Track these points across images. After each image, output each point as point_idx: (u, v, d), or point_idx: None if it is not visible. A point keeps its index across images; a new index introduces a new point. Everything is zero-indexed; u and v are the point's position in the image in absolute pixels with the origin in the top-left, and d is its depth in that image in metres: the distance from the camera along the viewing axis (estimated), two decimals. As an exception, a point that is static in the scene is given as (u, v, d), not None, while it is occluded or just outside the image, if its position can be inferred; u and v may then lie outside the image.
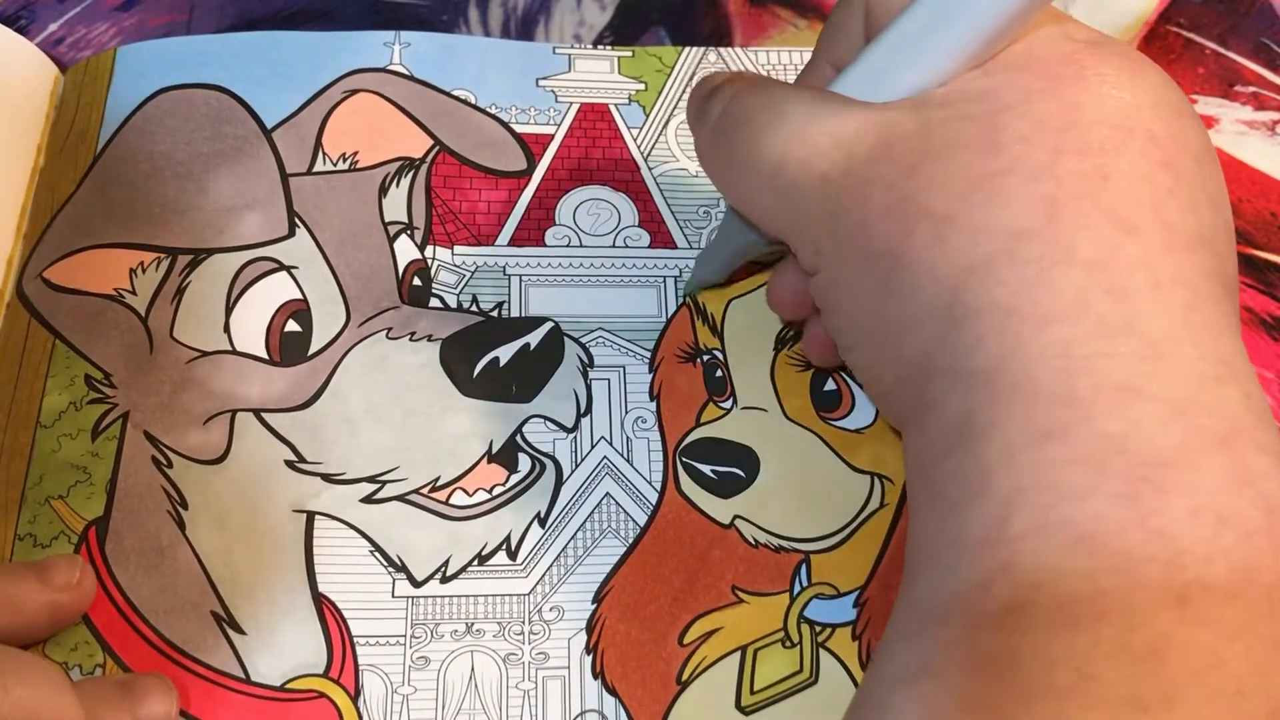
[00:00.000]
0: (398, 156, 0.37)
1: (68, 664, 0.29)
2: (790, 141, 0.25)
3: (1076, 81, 0.23)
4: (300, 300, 0.34)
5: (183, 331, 0.33)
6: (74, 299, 0.34)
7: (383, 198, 0.36)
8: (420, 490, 0.32)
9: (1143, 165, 0.23)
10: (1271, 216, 0.38)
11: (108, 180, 0.36)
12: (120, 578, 0.30)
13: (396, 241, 0.35)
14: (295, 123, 0.37)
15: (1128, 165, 0.22)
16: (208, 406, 0.32)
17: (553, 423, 0.33)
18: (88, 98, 0.37)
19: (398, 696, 0.30)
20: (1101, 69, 0.23)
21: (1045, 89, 0.23)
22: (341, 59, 0.38)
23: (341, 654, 0.30)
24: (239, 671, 0.29)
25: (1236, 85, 0.39)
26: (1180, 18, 0.39)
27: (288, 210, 0.35)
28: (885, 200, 0.24)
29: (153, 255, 0.34)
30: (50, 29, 0.40)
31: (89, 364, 0.33)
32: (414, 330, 0.34)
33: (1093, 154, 0.22)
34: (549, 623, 0.31)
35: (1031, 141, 0.23)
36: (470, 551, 0.31)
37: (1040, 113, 0.23)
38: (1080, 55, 0.24)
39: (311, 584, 0.31)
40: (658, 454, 0.33)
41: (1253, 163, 0.39)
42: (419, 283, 0.35)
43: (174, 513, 0.31)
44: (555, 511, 0.32)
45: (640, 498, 0.32)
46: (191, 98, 0.37)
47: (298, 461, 0.32)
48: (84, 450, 0.32)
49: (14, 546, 0.31)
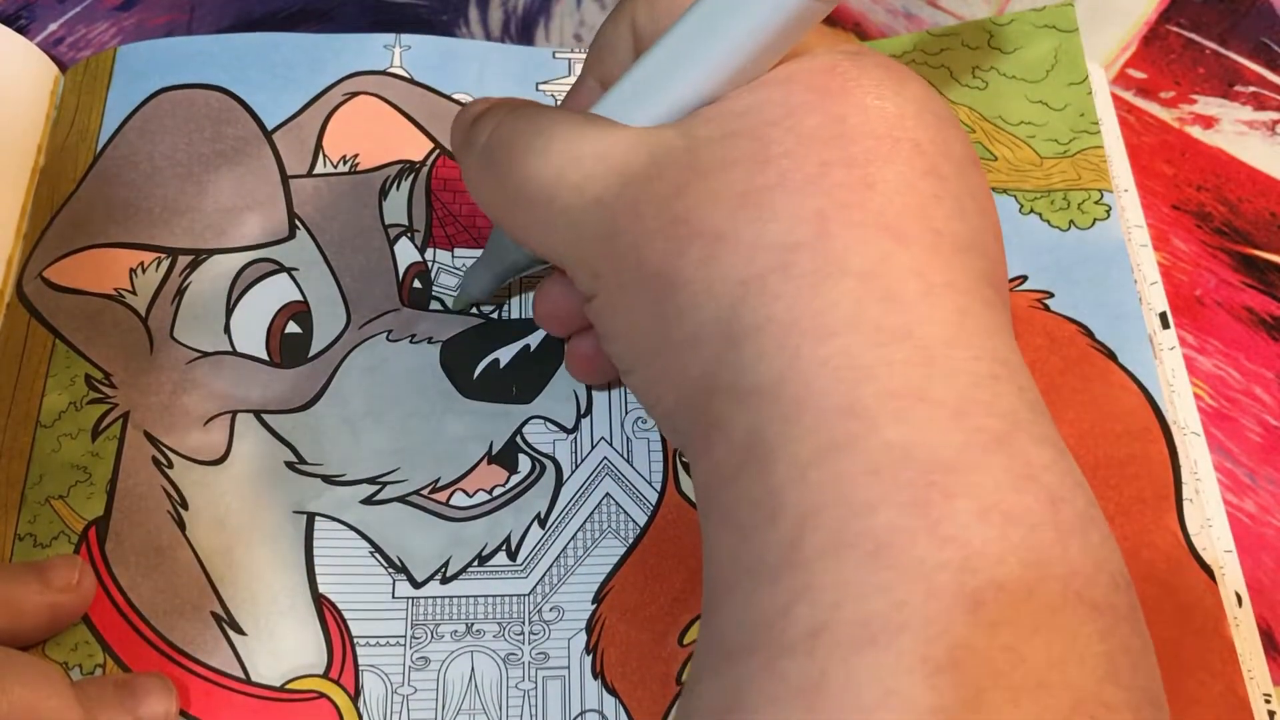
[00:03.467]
0: (398, 159, 0.37)
1: (67, 664, 0.29)
2: (562, 167, 0.25)
3: (840, 94, 0.23)
4: (301, 302, 0.34)
5: (183, 332, 0.33)
6: (74, 299, 0.34)
7: (383, 200, 0.36)
8: (420, 491, 0.32)
9: (908, 173, 0.23)
10: (1271, 216, 0.38)
11: (108, 180, 0.36)
12: (120, 578, 0.30)
13: (397, 244, 0.35)
14: (296, 124, 0.37)
15: (893, 174, 0.23)
16: (208, 407, 0.33)
17: (553, 423, 0.33)
18: (88, 98, 0.37)
19: (398, 697, 0.30)
20: (864, 80, 0.23)
21: (810, 102, 0.23)
22: (342, 61, 0.38)
23: (341, 654, 0.30)
24: (239, 672, 0.30)
25: (1236, 85, 0.39)
26: (1180, 18, 0.39)
27: (288, 212, 0.35)
28: (658, 221, 0.23)
29: (153, 255, 0.34)
30: (50, 29, 0.40)
31: (89, 364, 0.33)
32: (414, 332, 0.34)
33: (859, 165, 0.22)
34: (549, 623, 0.31)
35: (798, 155, 0.23)
36: (470, 552, 0.31)
37: (806, 127, 0.23)
38: (842, 67, 0.24)
39: (311, 585, 0.31)
40: (658, 454, 0.33)
41: (1253, 163, 0.39)
42: (419, 285, 0.35)
43: (174, 513, 0.31)
44: (555, 512, 0.32)
45: (640, 498, 0.32)
46: (192, 98, 0.37)
47: (298, 463, 0.32)
48: (84, 450, 0.32)
49: (14, 546, 0.31)
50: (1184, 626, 0.30)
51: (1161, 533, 0.31)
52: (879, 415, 0.21)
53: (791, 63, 0.24)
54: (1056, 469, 0.21)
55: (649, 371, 0.25)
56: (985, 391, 0.21)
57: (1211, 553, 0.31)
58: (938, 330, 0.21)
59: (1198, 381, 0.35)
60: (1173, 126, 0.39)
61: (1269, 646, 0.31)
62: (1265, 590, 0.32)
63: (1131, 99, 0.40)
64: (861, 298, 0.22)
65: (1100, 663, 0.19)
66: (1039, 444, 0.21)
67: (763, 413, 0.22)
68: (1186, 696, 0.29)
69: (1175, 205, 0.38)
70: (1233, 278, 0.37)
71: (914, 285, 0.22)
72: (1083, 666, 0.19)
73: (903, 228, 0.22)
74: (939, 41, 0.39)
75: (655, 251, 0.23)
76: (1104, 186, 0.36)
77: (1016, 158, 0.37)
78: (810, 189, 0.22)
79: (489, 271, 0.33)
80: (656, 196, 0.24)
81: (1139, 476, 0.32)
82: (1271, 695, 0.30)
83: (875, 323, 0.21)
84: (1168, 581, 0.30)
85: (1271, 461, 0.34)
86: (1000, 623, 0.19)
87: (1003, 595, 0.19)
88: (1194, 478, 0.32)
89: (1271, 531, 0.33)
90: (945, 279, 0.22)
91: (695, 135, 0.24)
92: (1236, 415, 0.35)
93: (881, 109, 0.23)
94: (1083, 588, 0.20)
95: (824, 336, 0.21)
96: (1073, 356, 0.33)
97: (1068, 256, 0.35)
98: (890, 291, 0.22)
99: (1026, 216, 0.36)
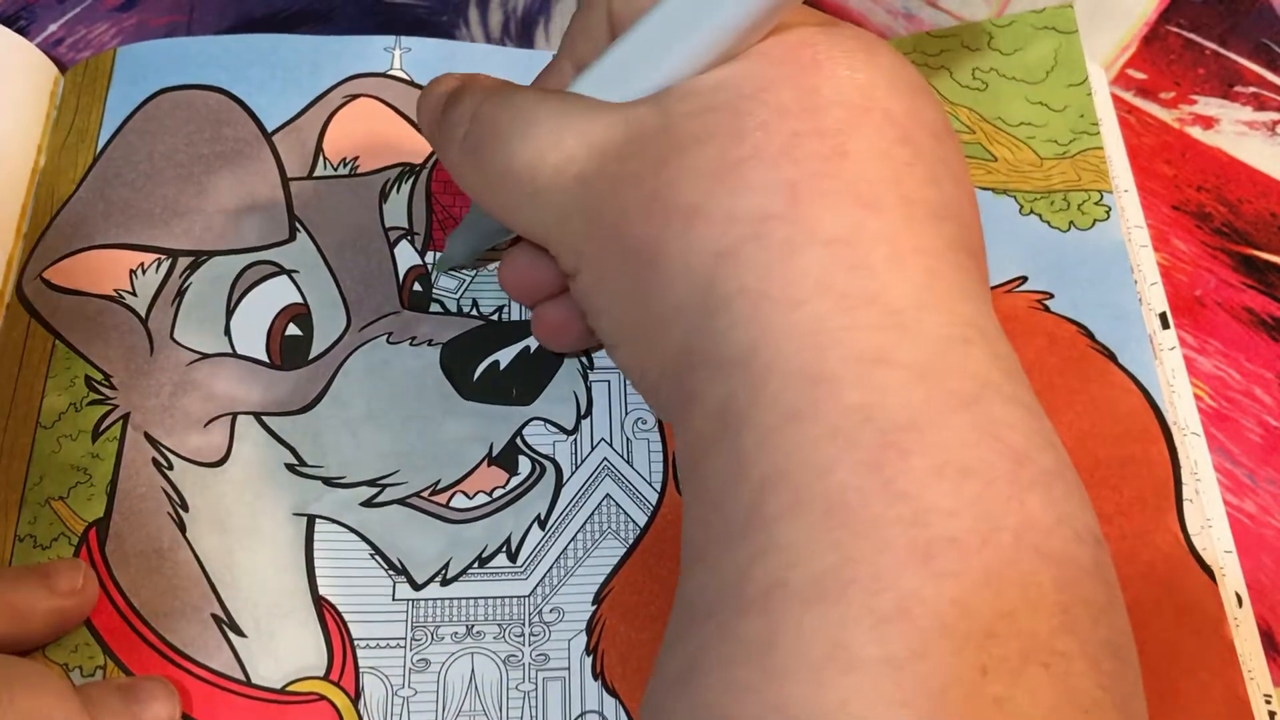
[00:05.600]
0: (398, 162, 0.37)
1: (68, 666, 0.29)
2: (543, 149, 0.25)
3: (812, 65, 0.23)
4: (301, 304, 0.34)
5: (183, 333, 0.33)
6: (74, 299, 0.34)
7: (383, 203, 0.36)
8: (421, 493, 0.32)
9: (880, 142, 0.23)
10: (1271, 216, 0.38)
11: (108, 180, 0.36)
12: (121, 579, 0.30)
13: (397, 247, 0.35)
14: (296, 126, 0.37)
15: (865, 143, 0.23)
16: (208, 409, 0.32)
17: (553, 425, 0.33)
18: (88, 98, 0.37)
19: (398, 699, 0.30)
20: (835, 52, 0.24)
21: (783, 75, 0.23)
22: (342, 63, 0.38)
23: (342, 656, 0.30)
24: (239, 674, 0.30)
25: (1236, 85, 0.39)
26: (1180, 18, 0.39)
27: (288, 214, 0.35)
28: (637, 196, 0.24)
29: (153, 256, 0.34)
30: (50, 29, 0.40)
31: (89, 365, 0.33)
32: (414, 335, 0.34)
33: (831, 135, 0.23)
34: (549, 624, 0.31)
35: (771, 127, 0.23)
36: (470, 554, 0.31)
37: (780, 99, 0.23)
38: (814, 39, 0.24)
39: (312, 587, 0.31)
40: (658, 455, 0.33)
41: (1253, 163, 0.39)
42: (419, 288, 0.35)
43: (174, 515, 0.31)
44: (555, 513, 0.32)
45: (640, 499, 0.32)
46: (192, 99, 0.37)
47: (298, 465, 0.32)
48: (84, 451, 0.32)
49: (14, 548, 0.31)
50: (1184, 627, 0.30)
51: (1161, 533, 0.31)
52: (843, 379, 0.21)
53: (766, 38, 0.24)
54: (1024, 428, 0.21)
55: (634, 346, 0.26)
56: (955, 354, 0.21)
57: (1211, 553, 0.31)
58: (906, 294, 0.22)
59: (1198, 382, 0.35)
60: (1173, 127, 0.39)
61: (1269, 647, 0.31)
62: (1265, 591, 0.32)
63: (1131, 99, 0.40)
64: (830, 265, 0.22)
65: (1055, 612, 0.19)
66: (1007, 404, 0.21)
67: (734, 381, 0.22)
68: (1186, 697, 0.29)
69: (1175, 206, 0.38)
70: (1233, 278, 0.37)
71: (883, 251, 0.22)
72: (1035, 615, 0.19)
73: (875, 195, 0.22)
74: (939, 43, 0.39)
75: (635, 227, 0.24)
76: (1104, 188, 0.36)
77: (1016, 159, 0.37)
78: (783, 160, 0.23)
79: (469, 238, 0.33)
80: (635, 173, 0.24)
81: (1139, 477, 0.32)
82: (1272, 696, 0.30)
83: (842, 289, 0.22)
84: (1168, 582, 0.30)
85: (1271, 462, 0.34)
86: (949, 574, 0.19)
87: (953, 548, 0.19)
88: (1194, 478, 0.32)
89: (1271, 532, 0.33)
90: (916, 245, 0.22)
91: (671, 111, 0.24)
92: (1236, 416, 0.35)
93: (853, 79, 0.23)
94: (1039, 540, 0.20)
95: (793, 304, 0.22)
96: (1072, 357, 0.33)
97: (1067, 257, 0.35)
98: (860, 258, 0.22)
99: (1026, 217, 0.36)
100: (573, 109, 0.25)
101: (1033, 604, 0.19)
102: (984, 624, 0.19)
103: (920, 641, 0.19)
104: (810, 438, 0.21)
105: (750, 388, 0.22)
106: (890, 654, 0.19)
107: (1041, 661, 0.19)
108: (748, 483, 0.21)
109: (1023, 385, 0.22)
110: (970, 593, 0.19)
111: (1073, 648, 0.19)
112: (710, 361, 0.23)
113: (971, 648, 0.19)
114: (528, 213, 0.26)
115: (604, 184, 0.24)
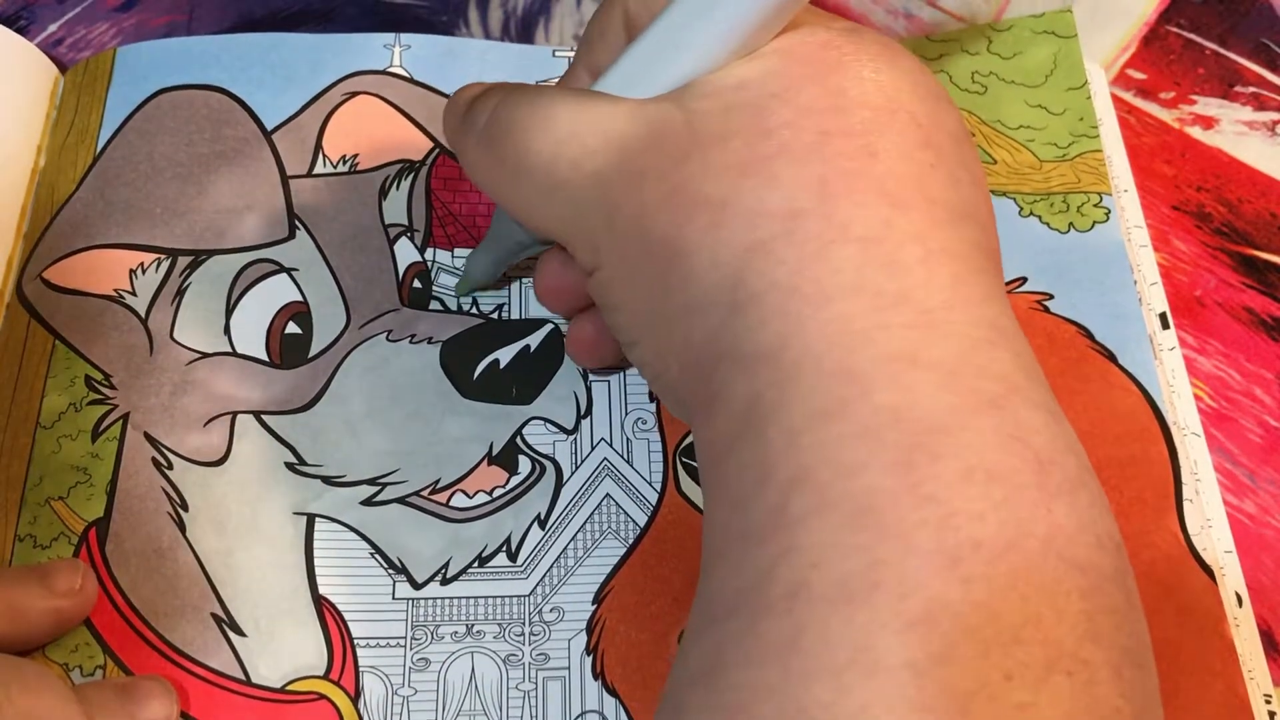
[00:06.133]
0: (398, 159, 0.37)
1: (68, 665, 0.29)
2: (561, 142, 0.25)
3: (837, 67, 0.24)
4: (301, 302, 0.34)
5: (183, 333, 0.33)
6: (74, 299, 0.34)
7: (383, 200, 0.36)
8: (420, 492, 0.32)
9: (904, 144, 0.23)
10: (1271, 217, 0.38)
11: (108, 180, 0.36)
12: (120, 579, 0.30)
13: (397, 244, 0.35)
14: (295, 125, 0.37)
15: (892, 144, 0.23)
16: (208, 408, 0.32)
17: (553, 424, 0.33)
18: (88, 98, 0.37)
19: (398, 698, 0.30)
20: (860, 55, 0.24)
21: (808, 75, 0.24)
22: (341, 61, 0.38)
23: (342, 656, 0.30)
24: (239, 673, 0.30)
25: (1236, 85, 0.39)
26: (1180, 18, 0.39)
27: (288, 212, 0.35)
28: (659, 191, 0.24)
29: (153, 256, 0.34)
30: (50, 29, 0.40)
31: (89, 365, 0.33)
32: (414, 333, 0.34)
33: (859, 134, 0.23)
34: (549, 624, 0.31)
35: (798, 125, 0.23)
36: (470, 553, 0.31)
37: (805, 98, 0.23)
38: (838, 42, 0.24)
39: (312, 586, 0.31)
40: (658, 455, 0.33)
41: (1253, 163, 0.39)
42: (419, 285, 0.35)
43: (174, 514, 0.31)
44: (555, 513, 0.32)
45: (640, 499, 0.32)
46: (191, 99, 0.37)
47: (298, 464, 0.32)
48: (84, 451, 0.32)
49: (14, 547, 0.31)
50: (1184, 627, 0.30)
51: (1161, 533, 0.31)
52: (874, 379, 0.21)
53: (786, 36, 0.24)
54: (1048, 432, 0.21)
55: (653, 342, 0.26)
56: (981, 356, 0.21)
57: (1211, 553, 0.31)
58: (934, 295, 0.22)
59: (1198, 382, 0.35)
60: (1173, 127, 0.39)
61: (1269, 647, 0.31)
62: (1265, 591, 0.32)
63: (1131, 99, 0.40)
64: (863, 263, 0.22)
65: (1080, 620, 0.19)
66: (1032, 408, 0.21)
67: (762, 378, 0.22)
68: (1187, 697, 0.29)
69: (1175, 206, 0.38)
70: (1233, 278, 0.37)
71: (914, 251, 0.22)
72: (1060, 623, 0.19)
73: (902, 195, 0.22)
74: (938, 47, 0.39)
75: (658, 222, 0.24)
76: (1103, 190, 0.36)
77: (1016, 161, 0.37)
78: (812, 157, 0.23)
79: (491, 254, 0.33)
80: (657, 168, 0.24)
81: (1139, 477, 0.32)
82: (1272, 695, 0.30)
83: (876, 288, 0.21)
84: (1168, 582, 0.30)
85: (1271, 462, 0.34)
86: (976, 579, 0.19)
87: (980, 552, 0.19)
88: (1194, 478, 0.32)
89: (1271, 532, 0.33)
90: (941, 246, 0.22)
91: (693, 108, 0.24)
92: (1236, 416, 0.35)
93: (878, 81, 0.24)
94: (1064, 547, 0.20)
95: (824, 301, 0.22)
96: (1072, 358, 0.33)
97: (1067, 258, 0.35)
98: (891, 257, 0.22)
99: (1026, 219, 0.36)
100: (592, 104, 0.25)
101: (1058, 611, 0.19)
102: (1009, 630, 0.19)
103: (945, 646, 0.19)
104: (839, 437, 0.21)
105: (778, 385, 0.22)
106: (914, 658, 0.19)
107: (1065, 669, 0.19)
108: (773, 481, 0.21)
109: (1044, 388, 0.22)
110: (996, 597, 0.19)
111: (1096, 656, 0.19)
112: (737, 357, 0.22)
113: (996, 653, 0.19)
114: (545, 208, 0.26)
115: (623, 178, 0.24)
